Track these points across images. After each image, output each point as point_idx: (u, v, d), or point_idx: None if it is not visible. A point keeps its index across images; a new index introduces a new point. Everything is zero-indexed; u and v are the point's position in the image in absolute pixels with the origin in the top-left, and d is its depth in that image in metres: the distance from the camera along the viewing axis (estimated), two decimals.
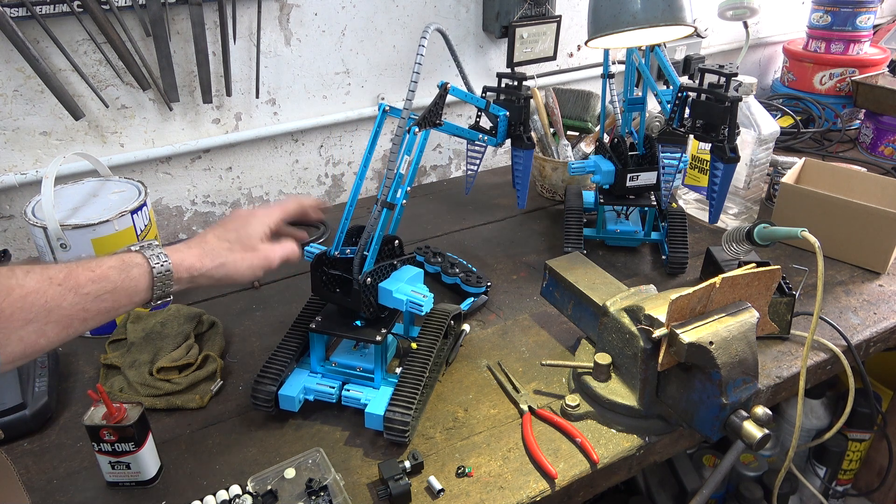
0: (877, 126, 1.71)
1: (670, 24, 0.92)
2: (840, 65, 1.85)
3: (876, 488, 1.68)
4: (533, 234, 1.35)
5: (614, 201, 1.23)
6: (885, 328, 1.05)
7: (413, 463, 0.78)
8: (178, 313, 1.01)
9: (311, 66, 1.37)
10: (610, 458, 0.81)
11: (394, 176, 0.82)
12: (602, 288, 0.94)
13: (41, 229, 0.94)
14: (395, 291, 0.83)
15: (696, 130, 1.06)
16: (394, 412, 0.80)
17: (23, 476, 0.80)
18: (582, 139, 1.50)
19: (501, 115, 1.09)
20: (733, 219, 1.35)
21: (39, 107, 1.15)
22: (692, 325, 0.74)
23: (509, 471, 0.79)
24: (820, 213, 1.21)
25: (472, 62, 1.57)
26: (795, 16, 2.11)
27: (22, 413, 0.84)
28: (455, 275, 1.12)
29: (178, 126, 1.28)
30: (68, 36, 1.12)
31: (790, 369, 0.96)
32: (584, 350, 0.96)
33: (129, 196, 1.04)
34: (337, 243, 0.88)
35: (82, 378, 0.96)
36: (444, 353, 0.97)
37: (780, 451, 1.60)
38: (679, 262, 1.16)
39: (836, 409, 1.58)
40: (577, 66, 1.73)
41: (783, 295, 0.99)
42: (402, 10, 1.42)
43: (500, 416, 0.88)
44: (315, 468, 0.77)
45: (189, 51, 1.22)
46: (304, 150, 1.45)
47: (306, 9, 1.31)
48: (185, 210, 1.36)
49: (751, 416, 0.74)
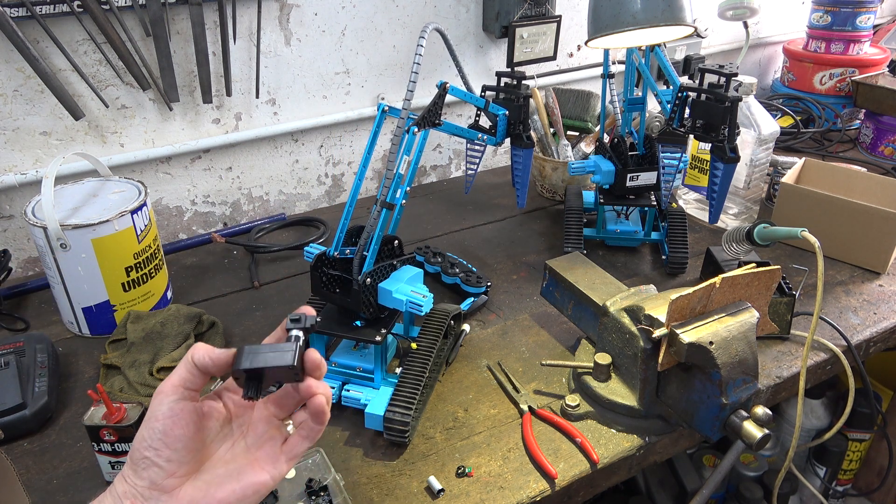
0: (877, 126, 1.71)
1: (670, 24, 0.92)
2: (840, 65, 1.85)
3: (876, 488, 1.68)
4: (533, 234, 1.35)
5: (614, 201, 1.23)
6: (885, 328, 1.05)
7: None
8: (178, 313, 1.01)
9: (311, 66, 1.37)
10: (610, 458, 0.81)
11: (393, 176, 0.82)
12: (602, 288, 0.94)
13: (41, 229, 0.94)
14: (394, 291, 0.83)
15: (696, 130, 1.06)
16: (394, 412, 0.80)
17: (23, 476, 0.80)
18: (582, 139, 1.50)
19: (501, 114, 1.09)
20: (733, 219, 1.35)
21: (39, 107, 1.15)
22: (692, 325, 0.74)
23: (509, 471, 0.79)
24: (820, 213, 1.21)
25: (472, 62, 1.57)
26: (795, 16, 2.11)
27: (22, 413, 0.84)
28: (455, 275, 1.12)
29: (178, 126, 1.28)
30: (68, 36, 1.12)
31: (790, 369, 0.96)
32: (584, 350, 0.96)
33: (129, 196, 1.04)
34: (336, 243, 0.88)
35: (82, 378, 0.96)
36: (444, 353, 0.97)
37: (780, 451, 1.60)
38: (679, 262, 1.16)
39: (836, 409, 1.57)
40: (577, 66, 1.73)
41: (783, 295, 0.99)
42: (402, 10, 1.42)
43: (500, 416, 0.88)
44: (315, 468, 0.77)
45: (189, 51, 1.22)
46: (304, 150, 1.45)
47: (306, 9, 1.31)
48: (185, 210, 1.36)
49: (751, 416, 0.74)
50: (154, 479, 0.51)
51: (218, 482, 0.53)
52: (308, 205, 1.51)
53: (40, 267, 1.26)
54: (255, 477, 0.54)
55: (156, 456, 0.51)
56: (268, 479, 0.54)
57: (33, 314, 1.11)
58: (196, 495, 0.52)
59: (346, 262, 0.87)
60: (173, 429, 0.51)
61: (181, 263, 1.26)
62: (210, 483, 0.53)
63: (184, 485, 0.52)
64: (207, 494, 0.52)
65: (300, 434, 0.56)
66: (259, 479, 0.54)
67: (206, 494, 0.52)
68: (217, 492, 0.52)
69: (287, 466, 0.56)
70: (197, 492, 0.52)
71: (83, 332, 1.04)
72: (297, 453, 0.56)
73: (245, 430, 0.56)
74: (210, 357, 0.53)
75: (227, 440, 0.56)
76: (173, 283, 1.18)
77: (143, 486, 0.51)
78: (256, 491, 0.54)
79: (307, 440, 0.56)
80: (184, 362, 0.53)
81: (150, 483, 0.51)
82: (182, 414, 0.52)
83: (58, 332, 1.06)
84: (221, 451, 0.55)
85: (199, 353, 0.53)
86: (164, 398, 0.52)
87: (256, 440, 0.56)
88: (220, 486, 0.53)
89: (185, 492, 0.52)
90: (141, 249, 1.02)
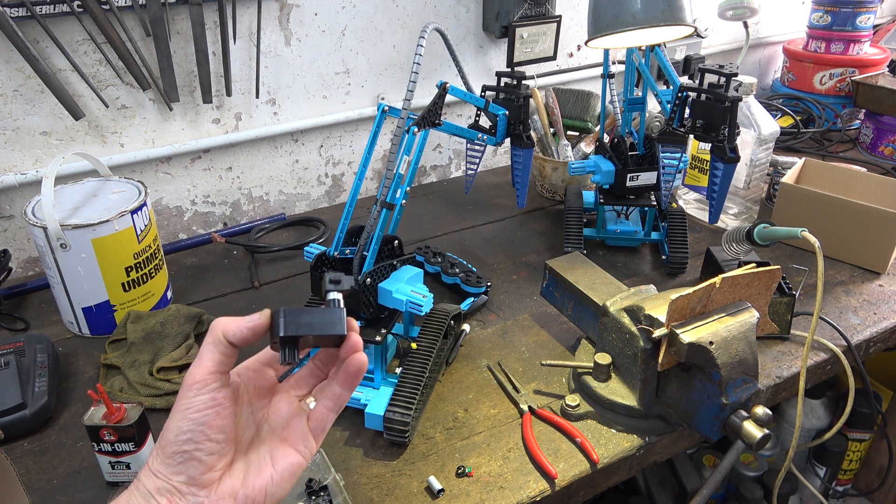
0: (877, 126, 1.71)
1: (670, 24, 0.92)
2: (840, 65, 1.85)
3: (876, 488, 1.68)
4: (533, 234, 1.35)
5: (614, 201, 1.23)
6: (885, 328, 1.05)
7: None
8: (178, 313, 1.01)
9: (311, 66, 1.37)
10: (610, 458, 0.81)
11: (393, 176, 0.82)
12: (602, 288, 0.94)
13: (41, 229, 0.94)
14: (394, 292, 0.83)
15: (696, 130, 1.06)
16: (394, 412, 0.80)
17: (23, 476, 0.80)
18: (582, 139, 1.50)
19: (501, 114, 1.09)
20: (733, 219, 1.35)
21: (39, 107, 1.15)
22: (692, 325, 0.74)
23: (509, 471, 0.79)
24: (820, 213, 1.21)
25: (472, 62, 1.57)
26: (795, 16, 2.11)
27: (22, 413, 0.84)
28: (455, 275, 1.12)
29: (178, 126, 1.28)
30: (68, 36, 1.12)
31: (790, 369, 0.96)
32: (584, 350, 0.96)
33: (129, 196, 1.04)
34: (336, 243, 0.88)
35: (82, 378, 0.96)
36: (444, 353, 0.97)
37: (780, 451, 1.60)
38: (679, 262, 1.16)
39: (836, 409, 1.57)
40: (577, 66, 1.73)
41: (783, 295, 0.99)
42: (402, 10, 1.42)
43: (500, 416, 0.88)
44: (315, 468, 0.77)
45: (189, 51, 1.22)
46: (304, 150, 1.45)
47: (306, 9, 1.31)
48: (185, 210, 1.36)
49: (751, 416, 0.74)
50: (193, 474, 0.47)
51: (255, 470, 0.51)
52: (308, 205, 1.51)
53: (40, 267, 1.26)
54: (289, 458, 0.52)
55: (196, 450, 0.47)
56: (301, 459, 0.52)
57: (33, 314, 1.11)
58: (234, 486, 0.49)
59: (346, 262, 0.87)
60: (216, 420, 0.47)
61: (181, 263, 1.26)
62: (247, 472, 0.50)
63: (222, 477, 0.49)
64: (246, 484, 0.50)
65: (325, 406, 0.54)
66: (293, 461, 0.52)
67: (244, 484, 0.50)
68: (255, 480, 0.50)
69: (317, 443, 0.54)
70: (235, 482, 0.49)
71: (83, 332, 1.04)
72: (325, 427, 0.54)
73: (266, 414, 0.54)
74: (247, 327, 0.49)
75: (250, 425, 0.53)
76: (173, 283, 1.18)
77: (179, 482, 0.47)
78: (293, 473, 0.52)
79: (333, 412, 0.54)
80: (213, 344, 0.49)
81: (187, 479, 0.47)
82: (225, 402, 0.48)
83: (58, 332, 1.06)
84: (248, 437, 0.53)
85: (231, 327, 0.49)
86: (202, 387, 0.48)
87: (280, 422, 0.54)
88: (258, 473, 0.50)
89: (224, 483, 0.49)
90: (141, 249, 1.02)
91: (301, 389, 0.55)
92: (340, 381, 0.53)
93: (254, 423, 0.53)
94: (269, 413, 0.54)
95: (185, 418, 0.47)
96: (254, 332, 0.49)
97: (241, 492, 0.49)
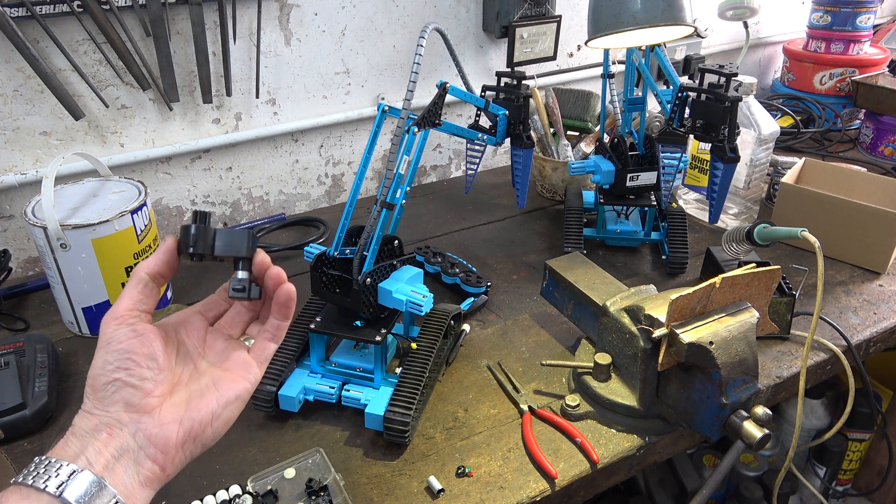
0: (877, 126, 1.71)
1: (670, 24, 0.92)
2: (840, 65, 1.85)
3: (876, 488, 1.68)
4: (533, 234, 1.35)
5: (614, 201, 1.23)
6: (885, 328, 1.05)
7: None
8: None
9: (311, 66, 1.37)
10: (610, 458, 0.81)
11: (393, 176, 0.82)
12: (602, 288, 0.94)
13: (41, 229, 0.94)
14: (394, 291, 0.83)
15: (696, 130, 1.06)
16: (394, 412, 0.80)
17: None
18: (582, 139, 1.50)
19: (501, 113, 1.09)
20: (733, 219, 1.35)
21: (39, 107, 1.15)
22: (692, 325, 0.74)
23: (509, 471, 0.79)
24: (820, 213, 1.21)
25: (472, 62, 1.57)
26: (795, 16, 2.11)
27: (22, 413, 0.84)
28: (455, 275, 1.12)
29: (178, 126, 1.28)
30: (68, 36, 1.12)
31: (790, 369, 0.96)
32: (584, 350, 0.96)
33: (129, 196, 1.04)
34: (336, 243, 0.88)
35: (82, 378, 0.96)
36: (444, 353, 0.97)
37: (780, 451, 1.60)
38: (679, 262, 1.16)
39: (836, 409, 1.58)
40: (577, 66, 1.73)
41: (783, 295, 0.99)
42: (402, 10, 1.42)
43: (500, 416, 0.88)
44: (315, 468, 0.77)
45: (189, 51, 1.22)
46: (304, 150, 1.45)
47: (306, 9, 1.31)
48: (185, 210, 1.36)
49: (751, 416, 0.74)
50: (130, 399, 0.48)
51: (197, 396, 0.52)
52: (308, 205, 1.51)
53: (40, 267, 1.26)
54: (233, 383, 0.53)
55: (128, 376, 0.48)
56: (246, 384, 0.54)
57: (33, 314, 1.11)
58: (178, 412, 0.50)
59: (346, 262, 0.87)
60: (141, 347, 0.49)
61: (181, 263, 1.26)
62: (189, 399, 0.51)
63: (163, 404, 0.50)
64: (191, 407, 0.51)
65: (265, 338, 0.56)
66: (238, 385, 0.53)
67: (189, 408, 0.50)
68: (200, 403, 0.51)
69: (260, 370, 0.56)
70: (178, 409, 0.50)
71: (83, 332, 1.04)
72: (267, 356, 0.56)
73: (203, 351, 0.55)
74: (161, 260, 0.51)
75: (186, 364, 0.54)
76: (173, 283, 1.18)
77: (117, 411, 0.47)
78: (238, 396, 0.53)
79: (274, 341, 0.57)
80: (133, 284, 0.50)
81: (125, 405, 0.48)
82: (147, 334, 0.50)
83: (58, 332, 1.06)
84: (186, 374, 0.54)
85: (148, 265, 0.51)
86: (121, 322, 0.49)
87: (219, 356, 0.55)
88: (202, 398, 0.51)
89: (165, 411, 0.49)
90: (141, 249, 1.02)
91: (233, 329, 0.57)
92: (275, 312, 0.55)
93: (191, 360, 0.55)
94: (204, 350, 0.56)
95: (109, 351, 0.48)
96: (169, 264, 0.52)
97: (186, 415, 0.50)
